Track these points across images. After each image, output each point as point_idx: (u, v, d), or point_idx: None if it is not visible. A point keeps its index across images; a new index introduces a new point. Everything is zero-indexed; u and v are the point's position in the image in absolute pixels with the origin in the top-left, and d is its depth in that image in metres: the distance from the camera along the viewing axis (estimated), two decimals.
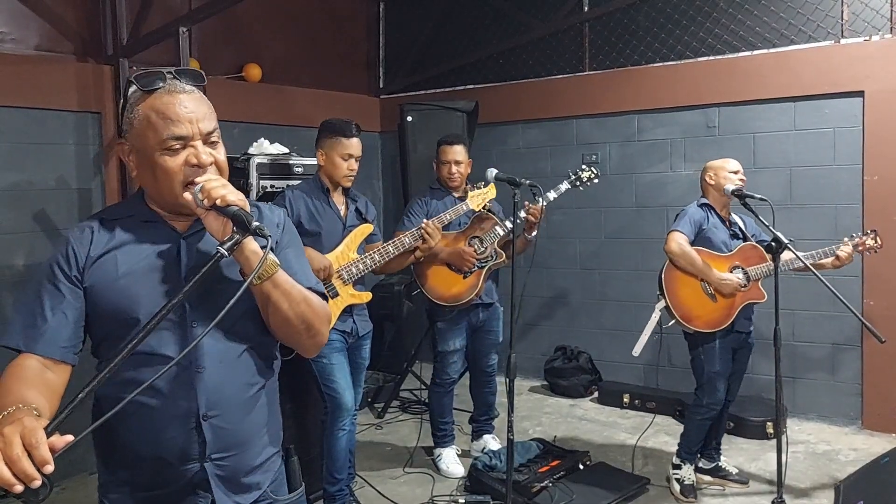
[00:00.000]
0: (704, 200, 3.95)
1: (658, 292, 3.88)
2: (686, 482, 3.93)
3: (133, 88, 1.57)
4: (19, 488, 1.16)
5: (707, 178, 3.97)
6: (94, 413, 1.62)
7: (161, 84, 1.55)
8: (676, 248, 3.81)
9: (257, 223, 1.45)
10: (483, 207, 3.99)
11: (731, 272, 3.83)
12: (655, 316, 3.91)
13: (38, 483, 1.17)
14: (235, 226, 1.45)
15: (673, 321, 3.84)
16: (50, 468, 1.18)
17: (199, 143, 1.56)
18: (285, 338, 1.67)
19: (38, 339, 1.54)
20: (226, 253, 1.43)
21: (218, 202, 1.46)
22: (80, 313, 1.59)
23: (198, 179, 1.51)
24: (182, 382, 1.56)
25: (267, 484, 1.73)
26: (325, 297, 1.72)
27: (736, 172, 3.88)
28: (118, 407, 1.27)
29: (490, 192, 3.96)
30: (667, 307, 3.83)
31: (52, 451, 1.20)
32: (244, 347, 1.64)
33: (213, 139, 1.60)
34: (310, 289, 1.67)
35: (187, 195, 1.51)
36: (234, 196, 1.47)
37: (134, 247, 1.61)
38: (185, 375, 1.56)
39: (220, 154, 1.61)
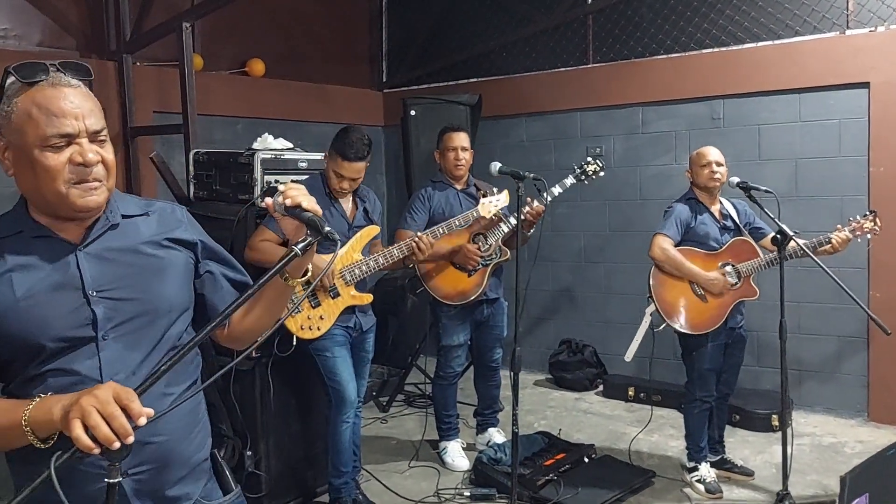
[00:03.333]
0: (691, 195, 3.93)
1: (647, 295, 3.86)
2: (708, 480, 3.91)
3: (11, 80, 1.45)
4: (118, 445, 1.21)
5: (687, 175, 3.96)
6: None
7: (44, 76, 1.45)
8: (660, 254, 3.78)
9: (329, 228, 1.48)
10: (494, 216, 3.94)
11: (721, 270, 3.81)
12: (646, 320, 3.89)
13: (132, 439, 1.24)
14: (309, 230, 1.49)
15: (664, 325, 3.81)
16: (143, 421, 1.25)
17: (84, 141, 1.45)
18: (252, 335, 1.70)
19: None
20: (299, 252, 1.47)
21: (305, 204, 1.49)
22: None
23: (281, 187, 1.53)
24: None
25: (198, 492, 1.67)
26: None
27: (706, 165, 3.82)
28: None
29: (503, 200, 3.90)
30: (657, 311, 3.81)
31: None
32: (161, 355, 1.56)
33: (100, 138, 1.49)
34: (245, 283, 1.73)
35: (268, 200, 1.53)
36: (315, 206, 1.52)
37: (29, 267, 1.49)
38: None
39: (108, 153, 1.50)
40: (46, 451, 1.30)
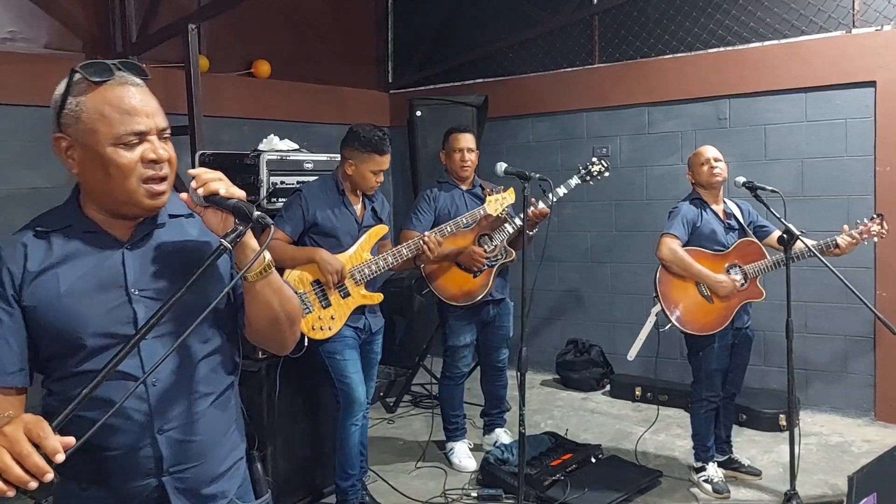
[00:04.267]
0: (696, 195, 3.92)
1: (653, 295, 3.85)
2: (716, 479, 3.90)
3: (77, 77, 1.46)
4: (34, 485, 1.15)
5: (688, 176, 3.95)
6: None
7: (111, 75, 1.46)
8: (669, 255, 3.77)
9: (259, 213, 1.42)
10: (501, 213, 3.95)
11: (728, 271, 3.80)
12: (651, 320, 3.88)
13: (50, 476, 1.16)
14: (237, 218, 1.42)
15: (670, 325, 3.81)
16: (61, 457, 1.18)
17: (154, 138, 1.48)
18: (268, 335, 1.64)
19: None
20: (229, 246, 1.39)
21: (222, 192, 1.42)
22: (23, 336, 1.48)
23: (190, 172, 1.46)
24: (135, 396, 1.48)
25: (233, 491, 1.67)
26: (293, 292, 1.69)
27: (705, 162, 3.82)
28: (100, 423, 1.28)
29: (509, 197, 3.88)
30: (662, 310, 3.81)
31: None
32: (201, 356, 1.58)
33: (166, 135, 1.52)
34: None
35: (183, 195, 1.47)
36: (236, 189, 1.45)
37: (75, 262, 1.50)
38: (139, 389, 1.48)
39: (172, 151, 1.53)
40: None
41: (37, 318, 1.48)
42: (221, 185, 1.44)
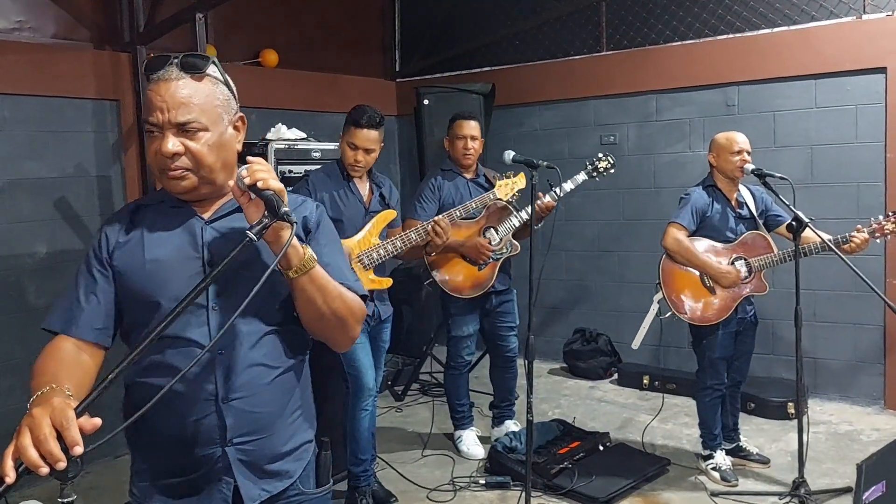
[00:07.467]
0: (710, 182, 3.88)
1: (657, 282, 3.84)
2: (724, 467, 3.90)
3: None
4: (45, 471, 1.17)
5: (710, 159, 3.87)
6: (124, 399, 1.65)
7: (159, 71, 1.56)
8: (673, 245, 3.75)
9: (286, 209, 1.44)
10: (512, 198, 3.92)
11: (733, 263, 3.78)
12: (654, 308, 3.88)
13: (63, 465, 1.17)
14: (267, 210, 1.45)
15: (670, 313, 3.80)
16: (79, 450, 1.19)
17: (168, 133, 1.53)
18: (317, 332, 1.66)
19: (73, 321, 1.59)
20: (255, 237, 1.42)
21: (259, 184, 1.46)
22: (111, 297, 1.62)
23: (250, 158, 1.52)
24: (201, 364, 1.56)
25: (298, 473, 1.72)
26: (364, 297, 1.70)
27: (738, 153, 3.73)
28: (159, 395, 1.30)
29: (519, 181, 3.85)
30: (664, 298, 3.79)
31: (80, 433, 1.21)
32: (267, 330, 1.63)
33: (188, 129, 1.55)
34: (346, 286, 1.65)
35: (230, 182, 1.55)
36: (275, 183, 1.47)
37: (161, 232, 1.63)
38: (205, 357, 1.55)
39: (196, 143, 1.56)
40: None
41: (123, 281, 1.61)
42: (263, 174, 1.47)
